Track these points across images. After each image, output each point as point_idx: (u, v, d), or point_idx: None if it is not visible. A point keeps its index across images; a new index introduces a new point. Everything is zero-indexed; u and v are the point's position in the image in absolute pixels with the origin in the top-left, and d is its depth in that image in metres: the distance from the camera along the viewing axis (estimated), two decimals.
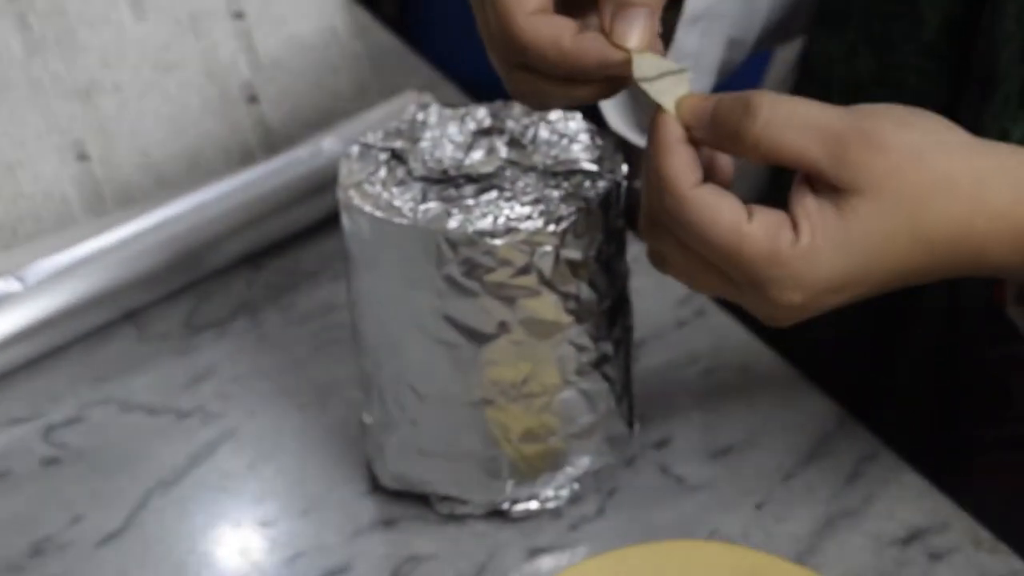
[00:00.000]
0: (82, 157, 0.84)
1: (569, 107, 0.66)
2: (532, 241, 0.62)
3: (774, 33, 0.82)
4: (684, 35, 0.75)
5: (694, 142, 0.59)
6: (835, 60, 0.80)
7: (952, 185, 0.58)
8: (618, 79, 0.60)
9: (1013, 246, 0.59)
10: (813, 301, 0.59)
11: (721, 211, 0.58)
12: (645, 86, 0.59)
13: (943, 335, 0.76)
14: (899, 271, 0.59)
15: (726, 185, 0.61)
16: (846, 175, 0.57)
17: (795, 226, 0.58)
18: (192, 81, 0.86)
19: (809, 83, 0.82)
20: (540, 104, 0.63)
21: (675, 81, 0.59)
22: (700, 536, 0.68)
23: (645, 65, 0.59)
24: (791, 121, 0.58)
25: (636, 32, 0.59)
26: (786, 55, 0.88)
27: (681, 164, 0.58)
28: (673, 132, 0.59)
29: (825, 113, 0.58)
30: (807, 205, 0.58)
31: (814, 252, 0.57)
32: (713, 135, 0.59)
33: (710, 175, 0.61)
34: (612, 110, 0.77)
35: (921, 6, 0.74)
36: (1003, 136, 0.71)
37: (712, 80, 0.79)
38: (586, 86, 0.62)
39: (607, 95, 0.64)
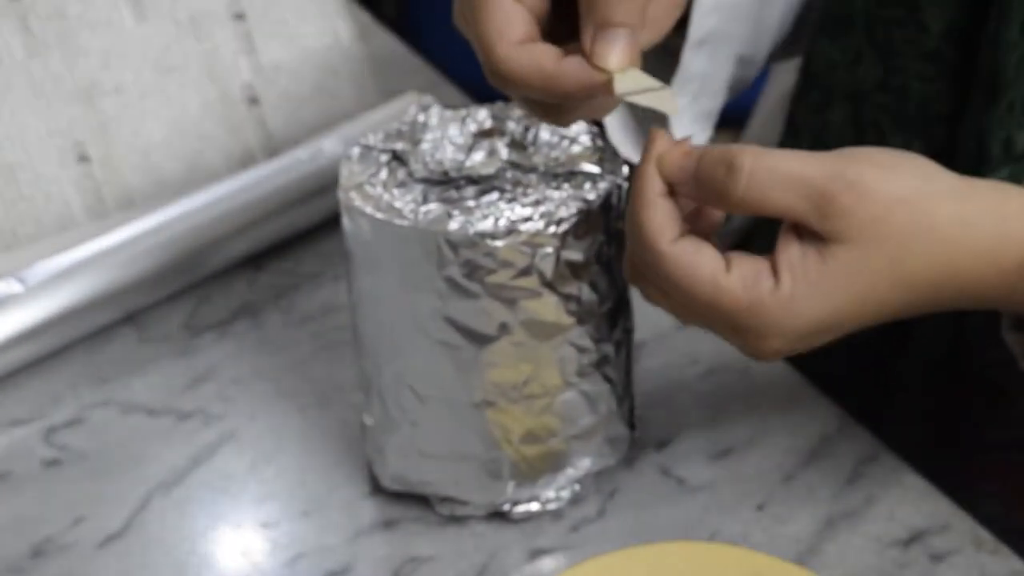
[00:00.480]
0: (83, 159, 0.84)
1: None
2: (533, 242, 0.62)
3: (785, 46, 0.83)
4: (690, 59, 0.75)
5: (675, 194, 0.60)
6: (838, 66, 0.80)
7: (934, 229, 0.59)
8: (607, 99, 0.61)
9: (998, 283, 0.60)
10: (795, 344, 0.60)
11: (699, 266, 0.59)
12: (631, 99, 0.59)
13: (944, 337, 0.76)
14: (881, 312, 0.60)
15: (715, 226, 0.62)
16: (830, 226, 0.58)
17: (776, 273, 0.59)
18: (193, 83, 0.87)
19: (812, 89, 0.82)
20: (554, 123, 0.64)
21: (658, 98, 0.59)
22: (701, 537, 0.68)
23: (628, 81, 0.59)
24: (775, 177, 0.58)
25: (616, 52, 0.59)
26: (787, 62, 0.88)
27: (660, 219, 0.59)
28: (653, 186, 0.60)
29: (808, 165, 0.59)
30: (791, 253, 0.59)
31: (794, 300, 0.59)
32: (698, 193, 0.60)
33: (698, 218, 0.62)
34: (615, 127, 0.77)
35: (923, 14, 0.74)
36: (1008, 143, 0.71)
37: (723, 99, 0.79)
38: (579, 109, 0.62)
39: (600, 115, 0.65)
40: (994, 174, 0.72)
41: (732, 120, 1.03)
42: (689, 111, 0.76)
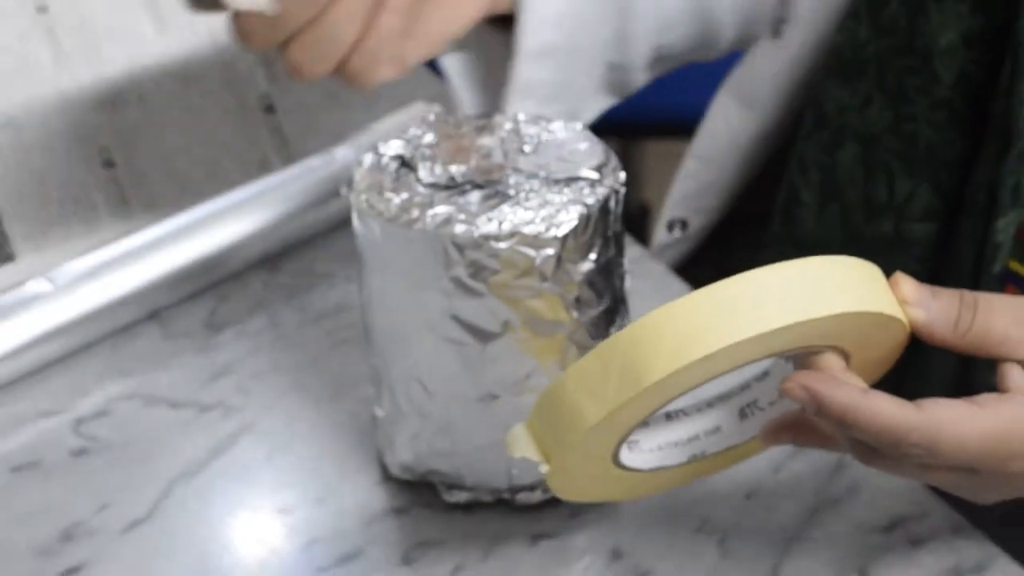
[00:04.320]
0: (108, 164, 0.84)
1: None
2: (534, 244, 0.62)
3: (694, 50, 0.82)
4: (529, 69, 0.75)
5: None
6: (848, 109, 0.79)
7: None
8: None
9: None
10: None
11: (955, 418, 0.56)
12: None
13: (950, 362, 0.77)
14: None
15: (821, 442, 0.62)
16: None
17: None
18: (212, 92, 0.87)
19: (822, 129, 0.81)
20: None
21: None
22: (692, 526, 0.68)
23: None
24: (996, 304, 0.58)
25: None
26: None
27: (886, 404, 0.56)
28: (853, 387, 0.57)
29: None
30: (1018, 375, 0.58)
31: None
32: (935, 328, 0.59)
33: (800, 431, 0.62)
34: (455, 71, 0.78)
35: (936, 64, 0.74)
36: (1017, 189, 0.71)
37: (597, 101, 0.78)
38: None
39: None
40: (1003, 219, 0.72)
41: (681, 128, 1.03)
42: (549, 112, 0.76)
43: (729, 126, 0.90)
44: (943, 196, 0.77)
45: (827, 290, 0.57)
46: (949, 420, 0.56)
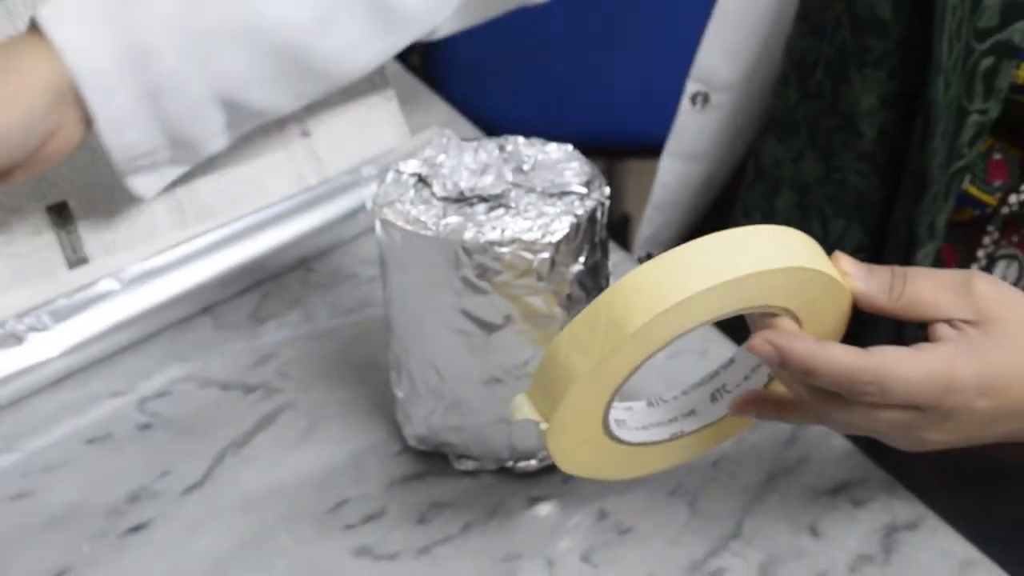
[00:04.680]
0: None
1: None
2: (532, 249, 0.62)
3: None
4: (117, 140, 0.71)
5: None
6: (783, 162, 0.79)
7: None
8: None
9: None
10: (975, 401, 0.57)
11: (903, 354, 0.56)
12: None
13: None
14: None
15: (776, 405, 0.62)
16: (973, 304, 0.57)
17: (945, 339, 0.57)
18: None
19: (761, 180, 0.81)
20: None
21: None
22: (667, 489, 0.68)
23: None
24: (926, 278, 0.58)
25: None
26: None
27: (842, 351, 0.56)
28: (808, 338, 0.57)
29: (948, 271, 0.59)
30: (947, 330, 0.57)
31: (973, 349, 0.56)
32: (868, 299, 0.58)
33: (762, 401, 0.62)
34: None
35: (859, 123, 0.74)
36: (932, 226, 0.71)
37: (222, 142, 0.75)
38: None
39: None
40: (922, 250, 0.72)
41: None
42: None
43: (677, 179, 0.89)
44: (870, 233, 0.77)
45: (783, 248, 0.57)
46: (895, 361, 0.56)
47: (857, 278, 0.59)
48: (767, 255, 0.56)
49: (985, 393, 0.57)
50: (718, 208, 0.90)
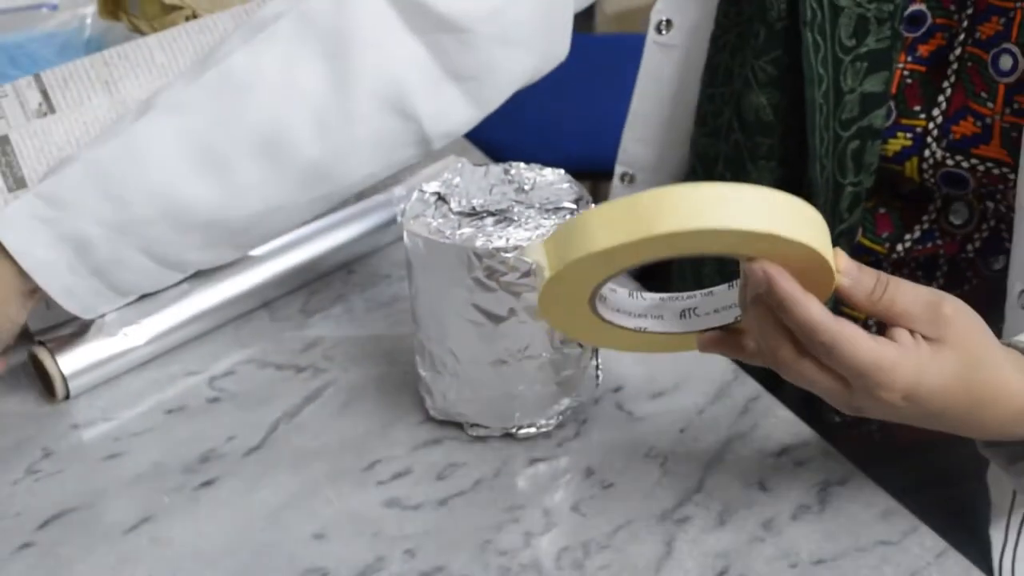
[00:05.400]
0: None
1: None
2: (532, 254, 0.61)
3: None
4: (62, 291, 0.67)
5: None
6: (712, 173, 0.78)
7: (995, 349, 0.56)
8: None
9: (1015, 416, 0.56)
10: (898, 402, 0.54)
11: (859, 336, 0.53)
12: None
13: None
14: (952, 406, 0.55)
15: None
16: (937, 329, 0.54)
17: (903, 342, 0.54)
18: None
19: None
20: None
21: None
22: (641, 452, 0.68)
23: None
24: (903, 289, 0.54)
25: None
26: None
27: (819, 309, 0.53)
28: (797, 289, 0.53)
29: (924, 288, 0.55)
30: (907, 337, 0.54)
31: (919, 362, 0.53)
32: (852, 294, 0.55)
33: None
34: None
35: (759, 168, 0.73)
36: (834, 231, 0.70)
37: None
38: None
39: None
40: None
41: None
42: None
43: None
44: None
45: (805, 222, 0.53)
46: (853, 336, 0.53)
47: (847, 274, 0.55)
48: (790, 223, 0.52)
49: (908, 399, 0.54)
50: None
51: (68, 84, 0.77)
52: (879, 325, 0.58)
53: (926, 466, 0.76)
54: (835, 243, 0.55)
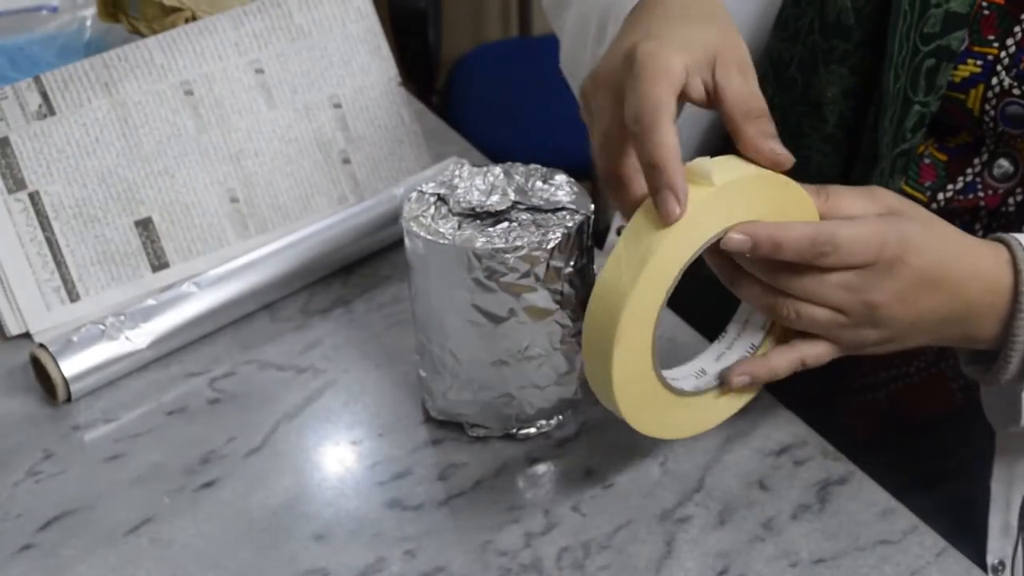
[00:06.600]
0: (234, 200, 0.84)
1: None
2: (531, 255, 0.62)
3: None
4: None
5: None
6: None
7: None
8: None
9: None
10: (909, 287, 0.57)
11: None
12: None
13: None
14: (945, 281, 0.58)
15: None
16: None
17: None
18: (306, 150, 0.86)
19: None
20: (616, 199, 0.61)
21: None
22: (642, 454, 0.68)
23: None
24: (849, 192, 0.59)
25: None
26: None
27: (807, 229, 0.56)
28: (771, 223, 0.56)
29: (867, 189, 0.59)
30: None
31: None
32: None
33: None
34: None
35: (823, 110, 0.74)
36: None
37: None
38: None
39: None
40: None
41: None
42: None
43: None
44: None
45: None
46: (840, 223, 0.56)
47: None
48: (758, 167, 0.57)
49: (909, 251, 0.57)
50: None
51: (68, 86, 0.78)
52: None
53: (926, 466, 0.76)
54: (892, 163, 0.60)
